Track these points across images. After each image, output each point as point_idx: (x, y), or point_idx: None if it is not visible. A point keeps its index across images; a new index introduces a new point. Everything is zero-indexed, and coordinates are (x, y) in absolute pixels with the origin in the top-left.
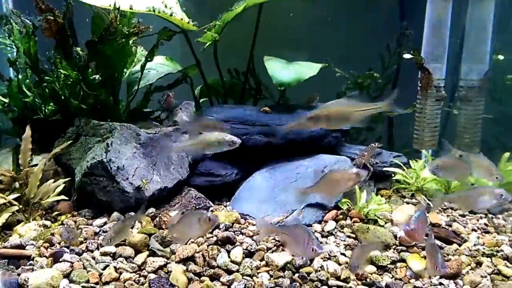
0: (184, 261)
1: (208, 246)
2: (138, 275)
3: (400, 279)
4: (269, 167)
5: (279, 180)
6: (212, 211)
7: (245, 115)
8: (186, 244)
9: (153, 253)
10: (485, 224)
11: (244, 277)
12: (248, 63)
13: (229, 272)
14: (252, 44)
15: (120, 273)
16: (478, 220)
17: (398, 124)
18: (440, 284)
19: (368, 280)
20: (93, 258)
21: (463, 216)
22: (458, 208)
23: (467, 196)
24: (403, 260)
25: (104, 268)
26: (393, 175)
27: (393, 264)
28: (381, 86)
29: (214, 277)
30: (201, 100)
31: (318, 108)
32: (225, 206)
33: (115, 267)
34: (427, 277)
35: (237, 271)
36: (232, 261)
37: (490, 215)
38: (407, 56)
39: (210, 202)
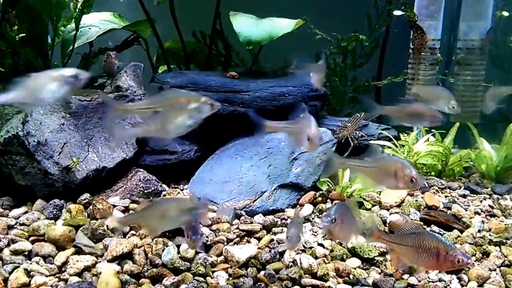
0: (119, 259)
1: (152, 239)
2: (57, 279)
3: (391, 275)
4: (235, 142)
5: (246, 157)
6: (164, 195)
7: (207, 81)
8: (124, 237)
9: (79, 250)
10: (490, 206)
11: (196, 277)
12: (214, 22)
13: (177, 271)
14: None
15: (32, 277)
16: (481, 201)
17: (387, 95)
18: (440, 280)
19: (351, 277)
20: (0, 258)
21: (464, 196)
22: (457, 187)
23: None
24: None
25: (12, 271)
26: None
27: (382, 256)
28: (368, 51)
29: (156, 279)
30: (160, 67)
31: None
32: (182, 190)
33: (26, 270)
34: (423, 272)
35: (188, 270)
36: (181, 258)
37: (495, 196)
38: (397, 12)
39: (164, 185)
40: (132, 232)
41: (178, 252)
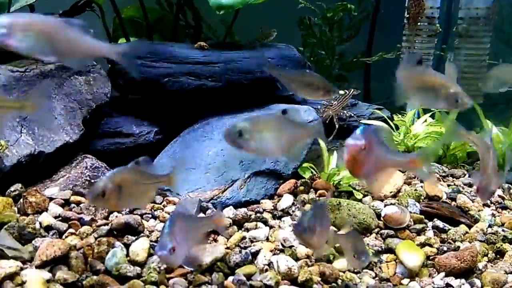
0: (51, 264)
1: (96, 238)
2: None
3: (388, 279)
4: (202, 122)
5: (215, 140)
6: None
7: (170, 51)
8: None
9: (1, 254)
10: (501, 197)
11: (147, 286)
12: None
13: (123, 279)
14: None
15: None
16: None
17: (377, 74)
18: (448, 286)
19: (339, 282)
20: None
21: (470, 185)
22: (461, 174)
23: None
24: (390, 251)
25: None
26: None
27: (377, 256)
28: (357, 22)
29: None
30: (119, 39)
31: None
32: None
33: None
34: (426, 276)
35: (137, 276)
36: (130, 261)
37: (506, 185)
38: None
39: None
40: (71, 230)
41: (127, 255)
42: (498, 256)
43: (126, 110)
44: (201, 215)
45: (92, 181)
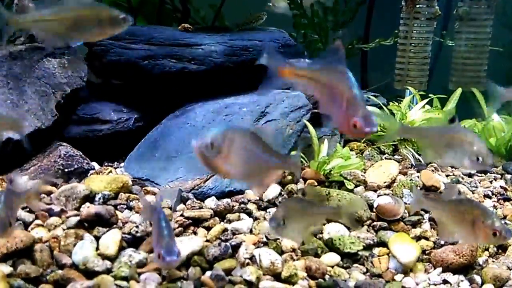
0: (13, 257)
1: (64, 230)
2: None
3: (379, 275)
4: (186, 108)
5: (199, 127)
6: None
7: (149, 32)
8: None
9: None
10: (503, 188)
11: (117, 281)
12: None
13: (91, 274)
14: None
15: None
16: (491, 182)
17: (374, 61)
18: (445, 282)
19: (326, 278)
20: None
21: (470, 176)
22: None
23: None
24: (383, 244)
25: None
26: None
27: (368, 250)
28: (353, 7)
29: (61, 284)
30: None
31: None
32: (115, 168)
33: None
34: (422, 271)
35: (107, 271)
36: (100, 255)
37: (508, 176)
38: None
39: (92, 163)
40: (38, 222)
41: (97, 248)
42: (500, 250)
43: (105, 95)
44: (181, 206)
45: (66, 170)
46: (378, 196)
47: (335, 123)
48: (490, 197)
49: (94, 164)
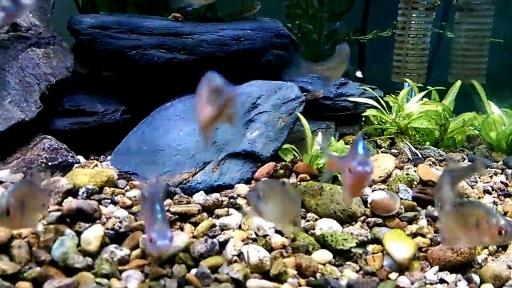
0: None
1: (45, 226)
2: None
3: (373, 273)
4: (176, 100)
5: (188, 119)
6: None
7: (139, 22)
8: None
9: None
10: (504, 183)
11: (97, 279)
12: None
13: (71, 271)
14: None
15: None
16: (491, 177)
17: (372, 53)
18: (442, 281)
19: (317, 276)
20: None
21: None
22: (460, 159)
23: None
24: (377, 241)
25: None
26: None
27: (362, 247)
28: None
29: (39, 282)
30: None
31: None
32: (101, 162)
33: None
34: (417, 270)
35: (87, 268)
36: (81, 251)
37: (509, 171)
38: None
39: (78, 157)
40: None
41: (79, 244)
42: (500, 248)
43: (91, 87)
44: (168, 201)
45: (49, 163)
46: (373, 191)
47: None
48: (490, 193)
49: (80, 157)
